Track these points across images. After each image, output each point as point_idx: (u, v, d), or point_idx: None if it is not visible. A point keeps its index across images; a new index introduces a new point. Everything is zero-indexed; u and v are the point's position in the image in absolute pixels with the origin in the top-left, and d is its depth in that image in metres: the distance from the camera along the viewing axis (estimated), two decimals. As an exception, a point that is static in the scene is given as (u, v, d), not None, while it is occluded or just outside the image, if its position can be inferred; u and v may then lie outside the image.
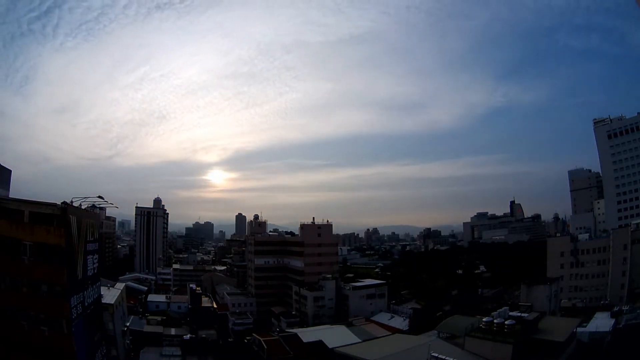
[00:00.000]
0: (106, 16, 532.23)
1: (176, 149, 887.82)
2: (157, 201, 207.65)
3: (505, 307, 56.71)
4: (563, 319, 56.48)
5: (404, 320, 75.22)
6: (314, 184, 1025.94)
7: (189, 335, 62.61)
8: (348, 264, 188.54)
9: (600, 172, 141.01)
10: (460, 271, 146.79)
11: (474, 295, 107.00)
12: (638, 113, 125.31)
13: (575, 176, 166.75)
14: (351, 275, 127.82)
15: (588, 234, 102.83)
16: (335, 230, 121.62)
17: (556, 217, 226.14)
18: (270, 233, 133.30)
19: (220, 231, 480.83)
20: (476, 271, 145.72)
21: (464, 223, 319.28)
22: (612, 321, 53.09)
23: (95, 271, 37.31)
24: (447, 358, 36.05)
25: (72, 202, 32.37)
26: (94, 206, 39.17)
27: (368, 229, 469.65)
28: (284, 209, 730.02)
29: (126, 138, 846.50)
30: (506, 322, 42.71)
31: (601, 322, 53.35)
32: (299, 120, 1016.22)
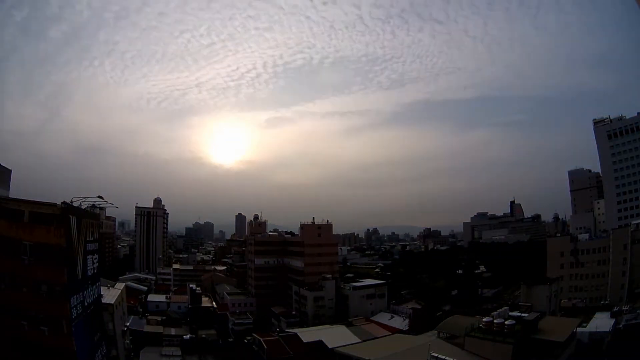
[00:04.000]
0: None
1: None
2: (157, 201, 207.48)
3: (505, 307, 56.74)
4: (563, 319, 56.48)
5: (404, 320, 75.23)
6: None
7: (189, 335, 62.78)
8: (348, 264, 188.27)
9: (600, 172, 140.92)
10: (460, 271, 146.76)
11: (474, 295, 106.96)
12: (638, 113, 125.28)
13: (575, 176, 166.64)
14: (351, 275, 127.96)
15: (588, 234, 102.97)
16: (335, 230, 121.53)
17: (556, 217, 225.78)
18: (270, 233, 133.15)
19: (220, 231, 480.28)
20: (476, 271, 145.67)
21: (464, 223, 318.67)
22: (612, 321, 53.20)
23: (95, 271, 37.33)
24: (447, 358, 36.15)
25: (72, 202, 32.38)
26: (94, 206, 39.15)
27: (368, 229, 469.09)
28: (284, 209, 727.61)
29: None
30: (506, 322, 42.73)
31: (601, 322, 53.43)
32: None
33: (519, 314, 48.03)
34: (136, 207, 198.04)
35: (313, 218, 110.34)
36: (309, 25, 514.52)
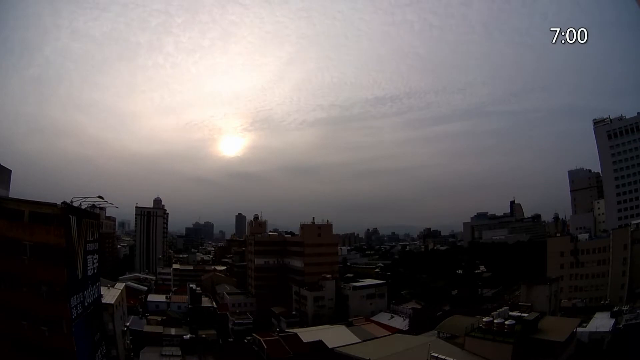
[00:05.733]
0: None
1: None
2: (157, 201, 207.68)
3: (505, 307, 56.70)
4: (563, 319, 56.38)
5: (404, 320, 75.28)
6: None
7: (189, 335, 62.65)
8: (348, 264, 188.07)
9: (600, 172, 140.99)
10: (460, 271, 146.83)
11: (474, 295, 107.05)
12: (638, 113, 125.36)
13: (575, 176, 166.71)
14: (351, 275, 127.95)
15: (588, 234, 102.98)
16: (335, 230, 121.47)
17: (556, 217, 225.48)
18: (270, 233, 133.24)
19: (220, 231, 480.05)
20: (476, 271, 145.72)
21: (464, 223, 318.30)
22: (612, 321, 53.17)
23: (95, 271, 37.30)
24: (447, 358, 35.98)
25: (72, 202, 32.37)
26: (94, 206, 39.14)
27: (368, 229, 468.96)
28: (284, 209, 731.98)
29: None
30: (506, 322, 42.65)
31: (601, 322, 53.41)
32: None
33: (519, 314, 47.91)
34: (136, 207, 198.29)
35: (313, 218, 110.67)
36: (323, 77, 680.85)
